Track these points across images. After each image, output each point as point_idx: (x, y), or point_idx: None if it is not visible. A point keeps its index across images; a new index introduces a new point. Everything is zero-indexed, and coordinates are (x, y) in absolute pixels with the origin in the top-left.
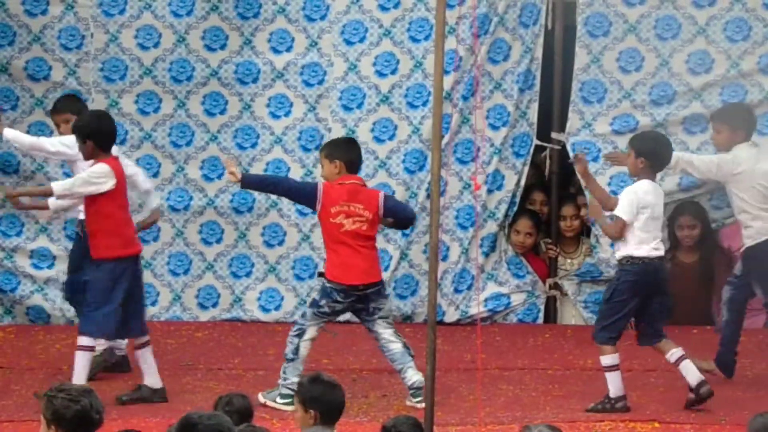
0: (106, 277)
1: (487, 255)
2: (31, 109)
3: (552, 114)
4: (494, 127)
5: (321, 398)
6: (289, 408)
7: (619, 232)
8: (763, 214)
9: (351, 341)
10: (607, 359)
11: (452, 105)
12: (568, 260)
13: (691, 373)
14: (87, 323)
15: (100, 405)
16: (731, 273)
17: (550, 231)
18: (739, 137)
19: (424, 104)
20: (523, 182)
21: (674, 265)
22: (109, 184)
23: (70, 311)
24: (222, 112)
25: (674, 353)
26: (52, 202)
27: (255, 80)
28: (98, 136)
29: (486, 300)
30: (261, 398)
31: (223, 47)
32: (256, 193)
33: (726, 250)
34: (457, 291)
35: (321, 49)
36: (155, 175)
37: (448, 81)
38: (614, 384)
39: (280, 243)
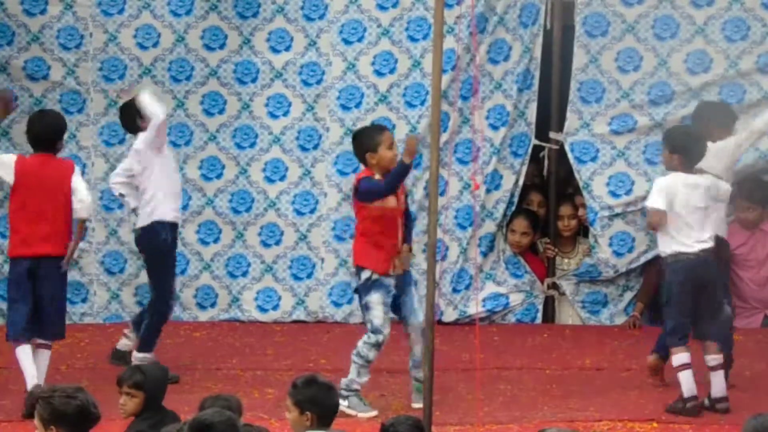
0: (10, 276)
1: (485, 255)
2: (30, 109)
3: (550, 114)
4: (494, 128)
5: (317, 401)
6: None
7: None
8: None
9: (349, 341)
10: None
11: (448, 104)
12: (566, 260)
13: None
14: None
15: (95, 400)
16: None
17: (548, 231)
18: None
19: (422, 103)
20: (521, 182)
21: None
22: (5, 176)
23: (75, 314)
24: (221, 112)
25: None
26: None
27: (254, 80)
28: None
29: (484, 300)
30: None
31: (222, 47)
32: (254, 193)
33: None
34: (455, 291)
35: (319, 48)
36: None
37: (446, 80)
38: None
39: (277, 243)
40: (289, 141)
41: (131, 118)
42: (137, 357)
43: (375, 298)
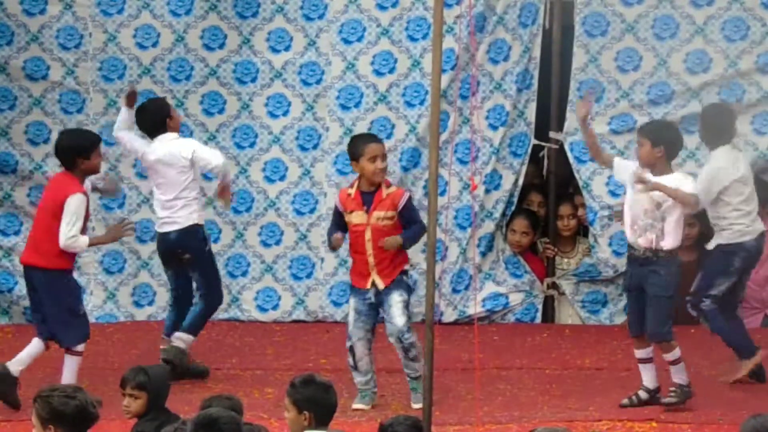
0: None
1: (484, 255)
2: (29, 109)
3: (550, 113)
4: (493, 128)
5: (315, 400)
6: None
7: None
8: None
9: None
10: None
11: (448, 103)
12: (565, 260)
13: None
14: None
15: (94, 400)
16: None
17: (548, 230)
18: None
19: (422, 103)
20: (521, 182)
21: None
22: None
23: None
24: (220, 112)
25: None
26: None
27: (253, 79)
28: None
29: (484, 300)
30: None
31: (221, 46)
32: (254, 193)
33: None
34: (455, 291)
35: (319, 48)
36: None
37: (445, 80)
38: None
39: (277, 242)
40: (288, 141)
41: (152, 120)
42: (180, 337)
43: (350, 303)
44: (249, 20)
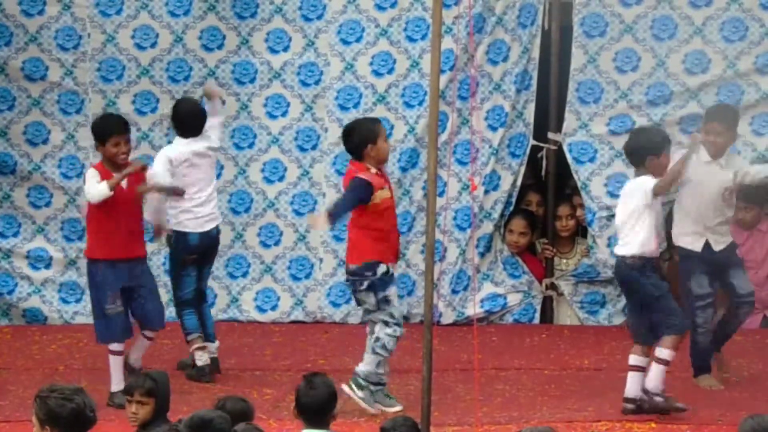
0: None
1: (482, 255)
2: (28, 110)
3: (549, 114)
4: (492, 128)
5: (298, 399)
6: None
7: None
8: None
9: (347, 341)
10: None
11: (446, 104)
12: (564, 260)
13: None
14: None
15: (93, 403)
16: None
17: (546, 231)
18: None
19: (421, 104)
20: (519, 182)
21: (671, 265)
22: None
23: (68, 312)
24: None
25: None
26: None
27: (252, 80)
28: None
29: (482, 300)
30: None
31: (220, 47)
32: (253, 193)
33: None
34: (454, 292)
35: (318, 48)
36: None
37: (444, 81)
38: None
39: (277, 243)
40: (287, 141)
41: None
42: (217, 346)
43: (394, 291)
44: (247, 21)
